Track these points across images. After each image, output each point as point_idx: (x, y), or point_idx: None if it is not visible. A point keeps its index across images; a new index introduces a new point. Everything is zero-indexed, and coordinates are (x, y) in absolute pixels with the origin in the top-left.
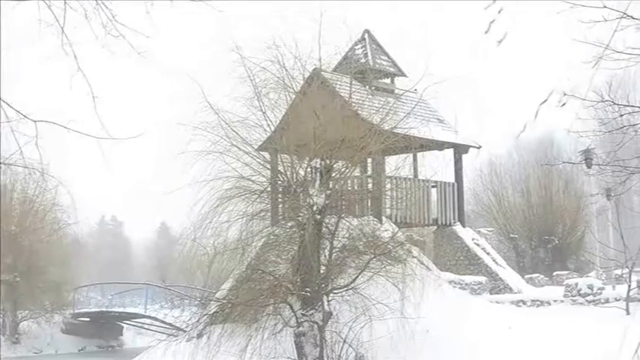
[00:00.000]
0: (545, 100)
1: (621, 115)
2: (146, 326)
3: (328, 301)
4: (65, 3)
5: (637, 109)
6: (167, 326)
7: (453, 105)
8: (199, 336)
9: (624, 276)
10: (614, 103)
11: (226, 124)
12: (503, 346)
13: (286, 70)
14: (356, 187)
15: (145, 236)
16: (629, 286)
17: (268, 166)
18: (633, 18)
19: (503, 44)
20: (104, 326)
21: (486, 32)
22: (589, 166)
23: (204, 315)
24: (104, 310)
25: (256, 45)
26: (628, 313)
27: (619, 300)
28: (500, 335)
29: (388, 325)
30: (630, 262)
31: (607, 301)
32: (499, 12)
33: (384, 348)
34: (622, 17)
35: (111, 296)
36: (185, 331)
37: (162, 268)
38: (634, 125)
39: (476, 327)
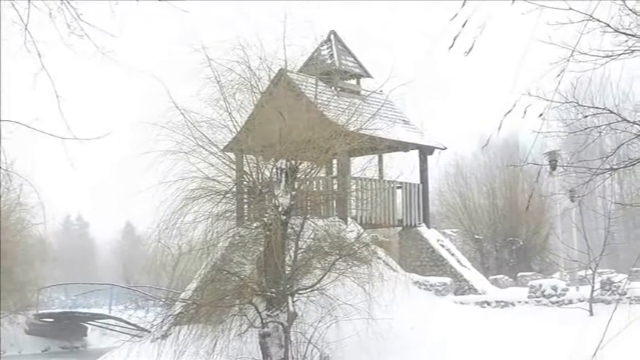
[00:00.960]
0: (510, 111)
1: (585, 117)
2: (111, 327)
3: (293, 301)
4: (29, 1)
5: (600, 110)
6: (132, 327)
7: (418, 106)
8: (164, 337)
9: (588, 277)
10: (579, 105)
11: (192, 124)
12: (469, 347)
13: (252, 70)
14: (321, 188)
15: (110, 237)
16: (593, 287)
17: (234, 166)
18: (598, 20)
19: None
20: (68, 327)
21: (450, 48)
22: (553, 168)
23: (169, 316)
24: (68, 310)
25: (222, 45)
26: (591, 314)
27: (582, 301)
28: (466, 336)
29: (355, 326)
30: (594, 263)
31: (571, 302)
32: (463, 25)
33: (352, 348)
34: (587, 20)
35: (75, 297)
36: (150, 332)
37: (127, 269)
38: (598, 127)
39: (441, 328)
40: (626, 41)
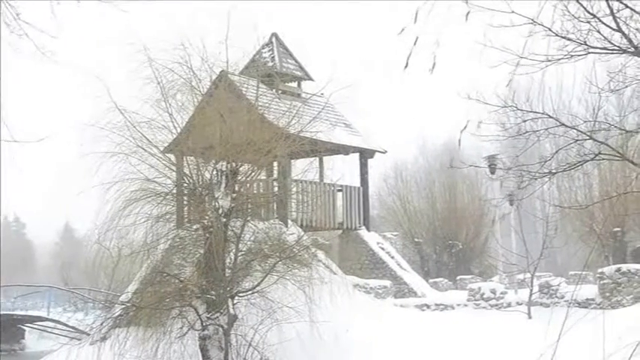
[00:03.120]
0: (465, 127)
1: (524, 121)
2: (49, 329)
3: (234, 304)
4: None
5: (539, 115)
6: (70, 329)
7: (360, 110)
8: (103, 339)
9: (526, 280)
10: (518, 109)
11: (132, 125)
12: (408, 350)
13: (193, 71)
14: (262, 191)
15: (49, 238)
16: (531, 290)
17: (174, 168)
18: (540, 24)
19: (411, 44)
20: (6, 329)
21: (405, 67)
22: (492, 172)
23: (108, 318)
24: (5, 312)
25: (164, 46)
26: (530, 317)
27: (521, 304)
28: (405, 339)
29: (296, 329)
30: (532, 266)
31: (509, 305)
32: (415, 43)
33: (293, 351)
34: (529, 23)
35: (14, 299)
36: (89, 335)
37: (66, 271)
38: (536, 131)
39: (381, 331)
40: (567, 46)
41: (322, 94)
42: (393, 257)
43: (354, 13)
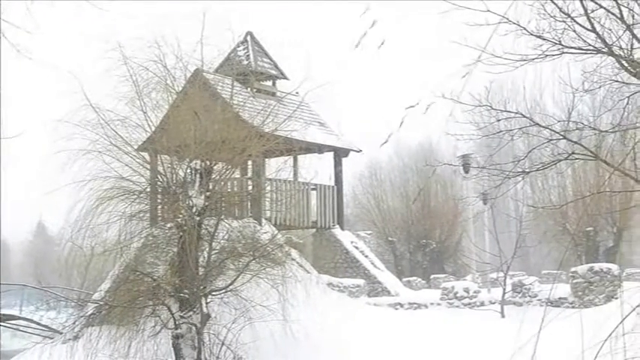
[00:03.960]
0: (412, 106)
1: (498, 120)
2: (22, 328)
3: (207, 303)
4: None
5: (513, 114)
6: (43, 328)
7: (335, 108)
8: (76, 338)
9: (499, 279)
10: (492, 108)
11: (106, 122)
12: (382, 349)
13: (168, 70)
14: (236, 189)
15: (22, 236)
16: (504, 289)
17: (148, 166)
18: (514, 23)
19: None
20: None
21: (357, 46)
22: (466, 171)
23: (81, 317)
24: None
25: (139, 44)
26: (503, 316)
27: (494, 303)
28: (378, 338)
29: (269, 328)
30: (505, 265)
31: (482, 304)
32: (372, 26)
33: (266, 350)
34: (504, 22)
35: None
36: (61, 333)
37: (38, 269)
38: (510, 130)
39: (354, 329)
40: (541, 45)
41: (297, 92)
42: (366, 256)
43: (329, 12)
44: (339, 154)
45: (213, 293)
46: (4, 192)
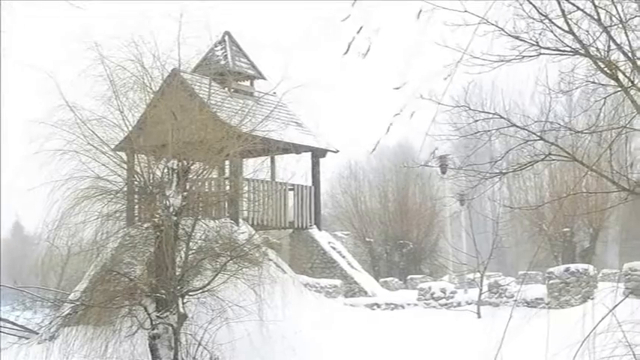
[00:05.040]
0: (398, 114)
1: (476, 121)
2: None
3: (184, 303)
4: None
5: (491, 115)
6: (19, 328)
7: (313, 109)
8: (52, 338)
9: (476, 280)
10: (470, 109)
11: (82, 122)
12: (358, 349)
13: (145, 69)
14: (213, 189)
15: None
16: (481, 290)
17: (125, 166)
18: (492, 24)
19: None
20: None
21: (345, 53)
22: (444, 172)
23: (58, 317)
24: None
25: (116, 43)
26: (479, 317)
27: (471, 304)
28: (354, 338)
29: (246, 328)
30: (482, 266)
31: (459, 304)
32: (358, 32)
33: (243, 350)
34: (482, 23)
35: None
36: (37, 334)
37: (14, 269)
38: (488, 131)
39: (331, 330)
40: (519, 46)
41: (275, 93)
42: (344, 257)
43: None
44: (317, 154)
45: (190, 293)
46: None
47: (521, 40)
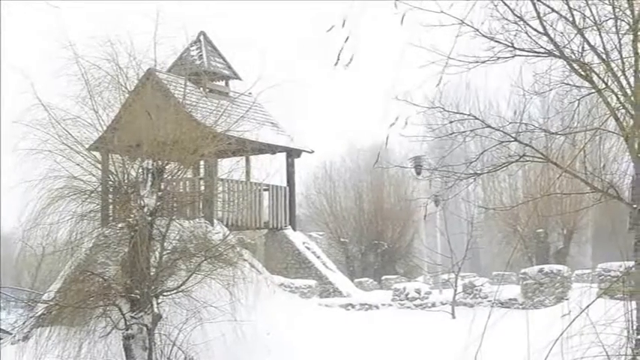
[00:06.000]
0: (394, 124)
1: (451, 122)
2: None
3: (158, 303)
4: None
5: (465, 116)
6: None
7: (288, 109)
8: (25, 339)
9: (451, 281)
10: (445, 110)
11: (57, 122)
12: (332, 349)
13: (120, 68)
14: (188, 189)
15: None
16: (455, 290)
17: (99, 166)
18: (467, 24)
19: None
20: None
21: (335, 64)
22: (418, 173)
23: (31, 317)
24: None
25: (91, 42)
26: (454, 317)
27: (445, 304)
28: (329, 339)
29: (221, 328)
30: (456, 267)
31: (434, 305)
32: (346, 41)
33: (217, 351)
34: (458, 24)
35: None
36: (10, 334)
37: None
38: (463, 132)
39: (305, 330)
40: (494, 48)
41: (250, 93)
42: (318, 257)
43: (284, 12)
44: (292, 154)
45: (165, 294)
46: None
47: (496, 41)
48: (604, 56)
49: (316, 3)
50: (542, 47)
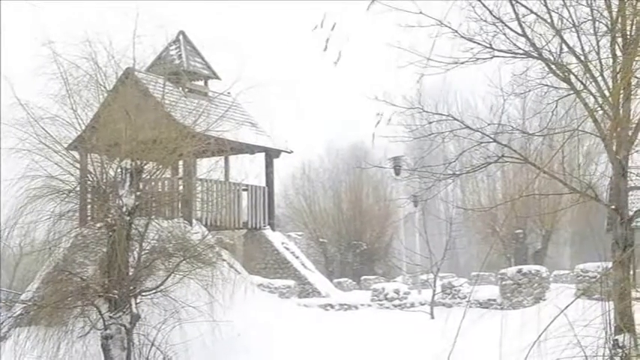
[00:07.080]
0: (378, 123)
1: (430, 123)
2: None
3: (136, 303)
4: None
5: (444, 117)
6: None
7: (267, 109)
8: (3, 339)
9: (429, 281)
10: (424, 111)
11: (35, 121)
12: (311, 350)
13: (99, 67)
14: (167, 189)
15: None
16: (434, 290)
17: (78, 165)
18: (447, 26)
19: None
20: None
21: (325, 50)
22: (397, 173)
23: (9, 317)
24: None
25: (70, 41)
26: (432, 317)
27: (424, 304)
28: (307, 338)
29: (199, 328)
30: (435, 267)
31: (413, 305)
32: (332, 29)
33: (196, 351)
34: (437, 25)
35: None
36: None
37: None
38: (441, 133)
39: (284, 330)
40: (472, 48)
41: (229, 93)
42: (297, 257)
43: (265, 12)
44: (271, 154)
45: (143, 294)
46: None
47: (474, 42)
48: (582, 57)
49: (297, 3)
50: (520, 48)
